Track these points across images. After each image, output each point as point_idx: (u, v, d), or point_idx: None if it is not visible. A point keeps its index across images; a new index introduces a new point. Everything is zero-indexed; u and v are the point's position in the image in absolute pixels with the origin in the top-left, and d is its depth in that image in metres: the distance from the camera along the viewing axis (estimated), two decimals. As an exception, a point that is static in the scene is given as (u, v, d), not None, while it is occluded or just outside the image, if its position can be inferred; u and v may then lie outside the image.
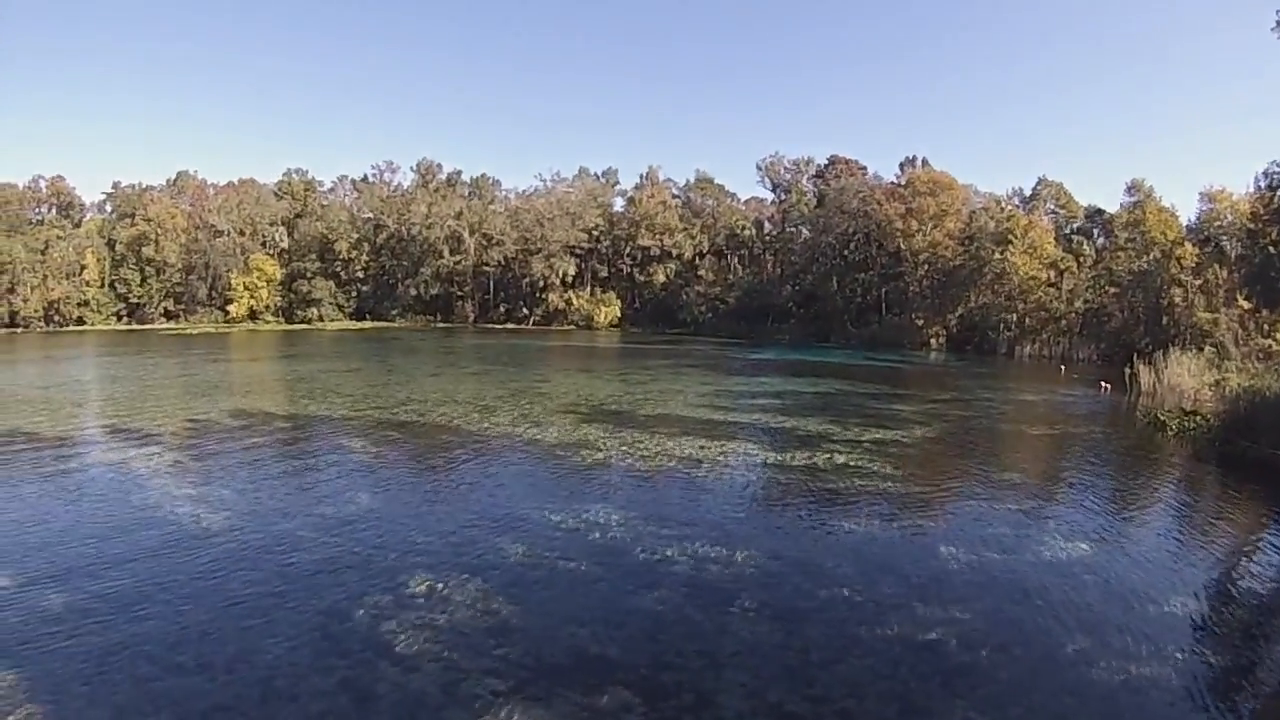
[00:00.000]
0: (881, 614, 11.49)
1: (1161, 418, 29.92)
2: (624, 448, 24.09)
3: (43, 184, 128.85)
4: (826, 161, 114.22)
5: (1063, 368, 57.69)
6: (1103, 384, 43.06)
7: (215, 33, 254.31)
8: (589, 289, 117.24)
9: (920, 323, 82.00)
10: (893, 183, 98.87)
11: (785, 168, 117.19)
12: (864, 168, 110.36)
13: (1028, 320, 74.22)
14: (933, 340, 79.47)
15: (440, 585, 12.69)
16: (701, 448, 24.18)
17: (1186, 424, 28.52)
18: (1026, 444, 28.02)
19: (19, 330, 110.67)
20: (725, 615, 11.52)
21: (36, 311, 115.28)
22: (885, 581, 12.92)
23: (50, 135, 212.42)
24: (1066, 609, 11.86)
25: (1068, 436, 28.89)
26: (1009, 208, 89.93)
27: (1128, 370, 42.76)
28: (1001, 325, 75.67)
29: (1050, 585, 12.85)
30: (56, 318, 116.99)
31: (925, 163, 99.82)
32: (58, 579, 13.13)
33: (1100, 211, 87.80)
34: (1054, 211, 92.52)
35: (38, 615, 11.68)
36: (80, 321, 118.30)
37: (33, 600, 12.24)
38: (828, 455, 23.24)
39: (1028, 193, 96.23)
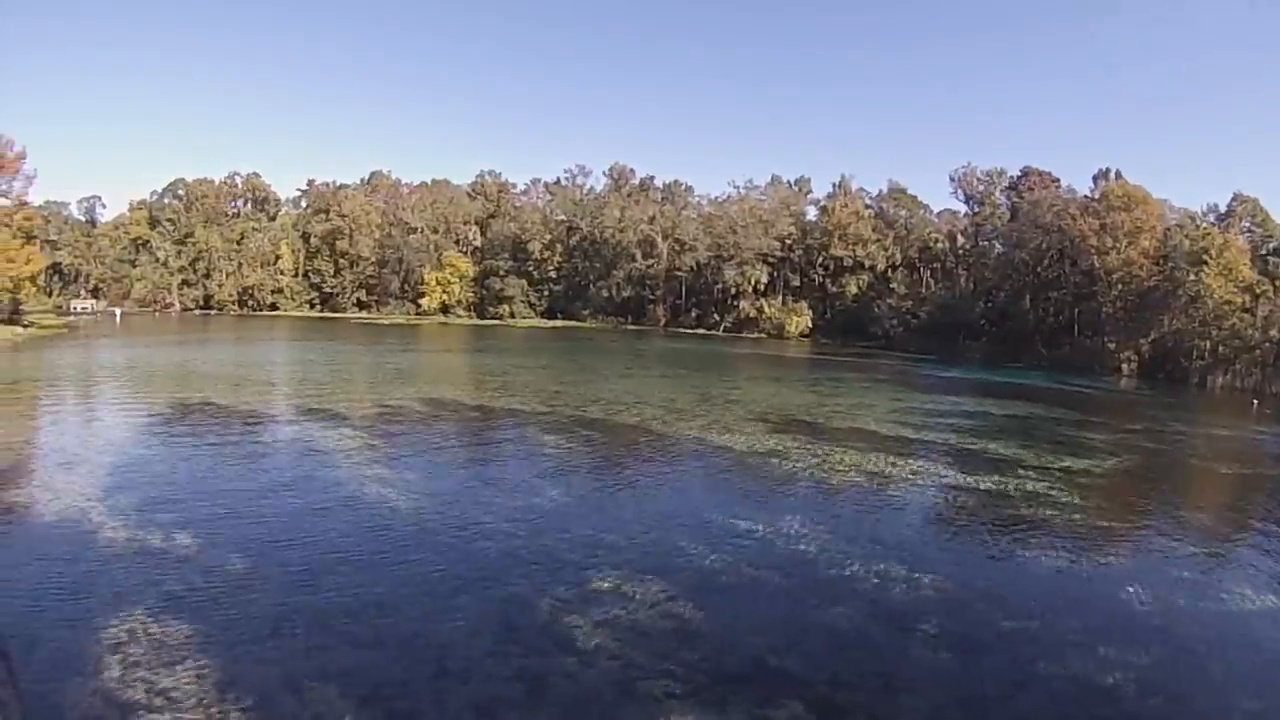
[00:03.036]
0: (1061, 651, 11.07)
1: (1356, 461, 27.05)
2: (813, 460, 23.91)
3: (239, 180, 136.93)
4: (1019, 173, 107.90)
5: (1255, 402, 52.14)
6: None
7: (408, 40, 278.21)
8: (780, 298, 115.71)
9: (1112, 346, 75.84)
10: (1086, 196, 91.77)
11: (978, 179, 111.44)
12: (1057, 180, 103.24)
13: (1221, 349, 66.74)
14: (1124, 366, 73.27)
15: (623, 583, 12.53)
16: (891, 464, 23.89)
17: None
18: (1216, 483, 26.25)
19: (213, 313, 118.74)
20: (906, 638, 11.19)
21: (230, 296, 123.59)
22: (1067, 617, 12.44)
23: (249, 134, 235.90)
24: (1246, 665, 11.22)
25: (1259, 478, 27.02)
26: (1204, 225, 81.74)
27: (1322, 408, 38.79)
28: (1194, 353, 68.59)
29: (1232, 637, 12.20)
30: (250, 302, 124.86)
31: (1119, 176, 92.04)
32: (241, 544, 13.41)
33: (1300, 230, 79.04)
34: (1250, 230, 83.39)
35: (218, 576, 11.91)
36: (273, 307, 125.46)
37: (215, 562, 12.48)
38: (1017, 481, 22.34)
39: (1223, 209, 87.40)
